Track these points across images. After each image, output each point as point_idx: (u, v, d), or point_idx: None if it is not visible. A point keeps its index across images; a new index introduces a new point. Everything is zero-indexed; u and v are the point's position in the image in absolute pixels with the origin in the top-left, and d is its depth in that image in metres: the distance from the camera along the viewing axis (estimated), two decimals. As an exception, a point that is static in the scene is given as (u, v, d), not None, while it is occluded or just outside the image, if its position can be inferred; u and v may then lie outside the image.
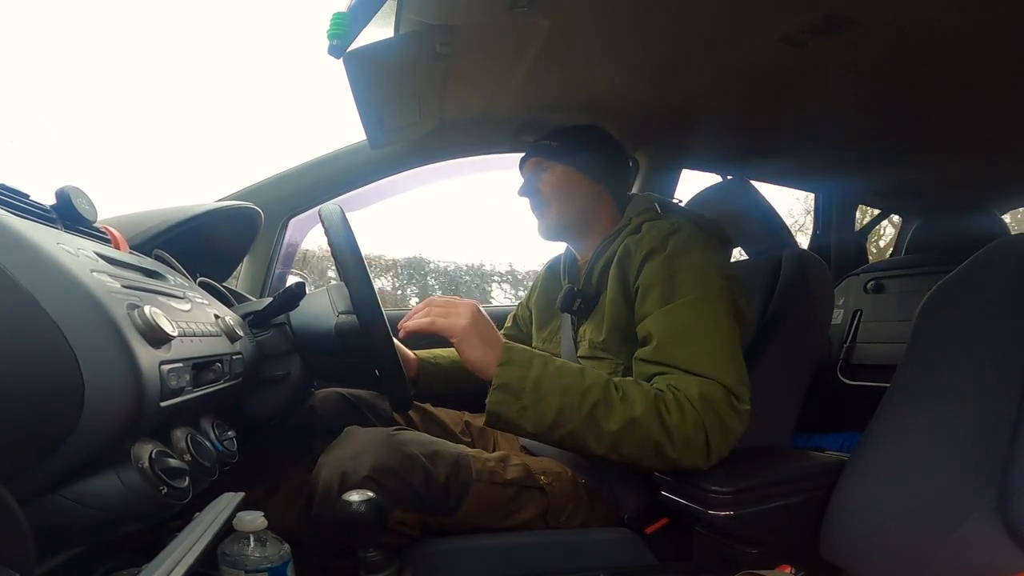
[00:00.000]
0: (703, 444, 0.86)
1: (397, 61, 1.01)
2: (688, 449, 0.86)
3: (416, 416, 1.22)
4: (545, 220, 1.16)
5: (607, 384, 0.88)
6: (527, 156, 1.19)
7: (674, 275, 0.95)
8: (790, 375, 1.15)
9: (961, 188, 2.00)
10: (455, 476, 0.93)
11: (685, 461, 0.87)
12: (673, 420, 0.85)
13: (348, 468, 0.87)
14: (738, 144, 1.61)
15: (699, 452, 0.87)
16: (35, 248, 0.51)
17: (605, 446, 0.86)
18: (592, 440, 0.86)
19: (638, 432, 0.85)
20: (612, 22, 0.98)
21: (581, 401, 0.85)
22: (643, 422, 0.85)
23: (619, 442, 0.85)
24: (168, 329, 0.57)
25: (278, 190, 1.46)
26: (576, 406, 0.85)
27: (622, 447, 0.86)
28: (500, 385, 0.86)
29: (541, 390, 0.85)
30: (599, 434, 0.85)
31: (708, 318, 0.92)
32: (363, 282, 0.90)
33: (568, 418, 0.85)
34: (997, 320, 0.79)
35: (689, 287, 0.94)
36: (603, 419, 0.85)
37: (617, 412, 0.85)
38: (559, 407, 0.85)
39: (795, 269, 1.18)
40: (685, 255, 0.97)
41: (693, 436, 0.85)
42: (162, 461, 0.59)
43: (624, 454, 0.87)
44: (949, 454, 0.77)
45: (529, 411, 0.86)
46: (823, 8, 0.92)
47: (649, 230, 1.03)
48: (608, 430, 0.85)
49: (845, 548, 0.85)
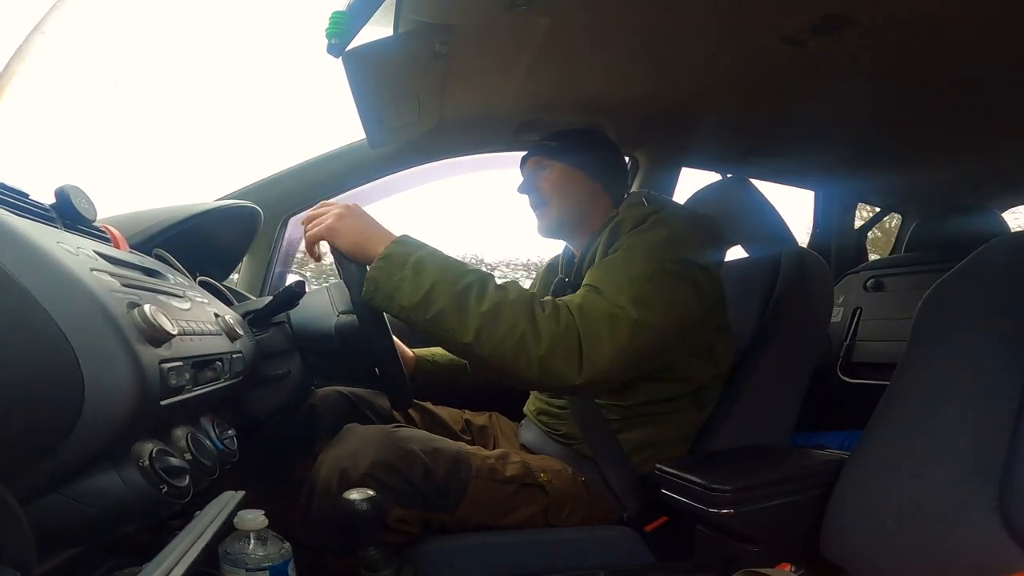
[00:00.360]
0: (575, 347, 0.83)
1: (396, 60, 1.01)
2: (556, 349, 0.82)
3: (416, 414, 1.22)
4: (544, 218, 1.17)
5: (488, 275, 0.87)
6: (528, 155, 1.21)
7: (638, 240, 0.96)
8: (790, 373, 1.15)
9: (960, 186, 2.00)
10: (455, 473, 0.94)
11: (553, 364, 0.82)
12: (544, 314, 0.84)
13: (348, 465, 0.87)
14: (738, 143, 1.61)
15: (569, 356, 0.83)
16: (35, 247, 0.51)
17: (472, 331, 0.82)
18: (460, 321, 0.83)
19: (505, 317, 0.82)
20: (611, 21, 0.98)
21: (457, 280, 0.84)
22: (512, 308, 0.83)
23: (485, 327, 0.82)
24: (168, 328, 0.57)
25: (277, 189, 1.46)
26: (451, 283, 0.84)
27: (488, 334, 0.82)
28: (385, 256, 0.86)
29: (421, 265, 0.85)
30: (468, 315, 0.82)
31: (635, 260, 0.92)
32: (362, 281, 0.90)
33: (440, 294, 0.83)
34: (996, 318, 0.79)
35: (640, 250, 0.94)
36: (474, 300, 0.83)
37: (490, 295, 0.84)
38: (434, 282, 0.83)
39: (795, 267, 1.18)
40: (653, 230, 0.98)
41: (563, 335, 0.83)
42: (163, 460, 0.59)
43: (491, 345, 0.83)
44: (949, 452, 0.77)
45: (406, 283, 0.84)
46: (822, 7, 0.92)
47: (632, 212, 1.06)
48: (477, 311, 0.82)
49: (845, 546, 0.85)
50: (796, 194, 2.12)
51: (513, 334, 0.82)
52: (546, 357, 0.82)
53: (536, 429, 1.18)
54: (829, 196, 2.21)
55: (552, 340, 0.82)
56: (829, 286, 1.23)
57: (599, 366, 0.83)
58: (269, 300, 0.99)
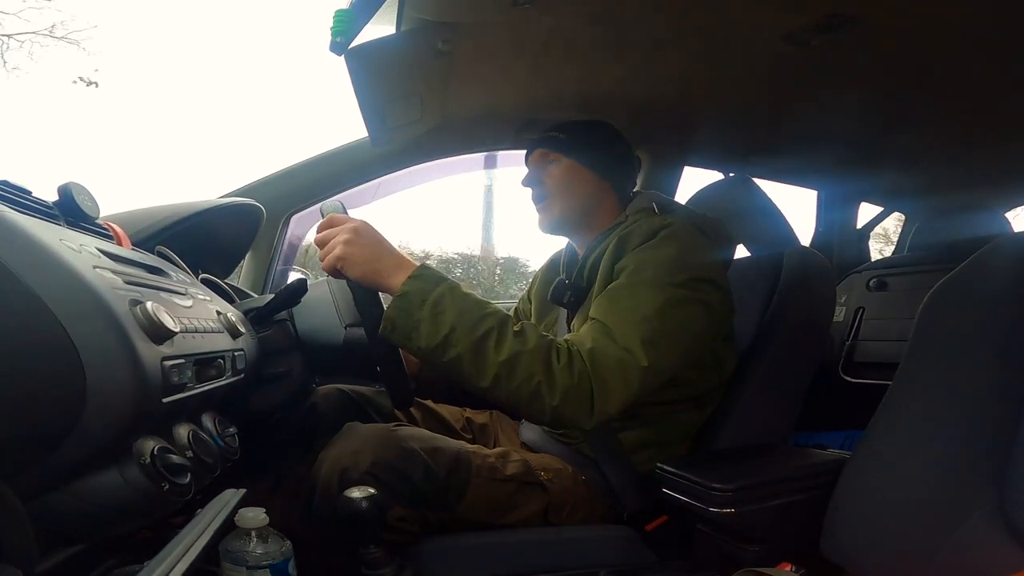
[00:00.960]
0: (587, 397, 0.84)
1: (399, 58, 1.01)
2: (568, 399, 0.83)
3: (417, 413, 1.22)
4: (547, 213, 1.15)
5: (506, 318, 0.87)
6: (533, 146, 1.18)
7: (644, 260, 0.95)
8: (791, 373, 1.15)
9: (964, 186, 2.00)
10: (455, 472, 0.94)
11: (567, 412, 0.84)
12: (560, 364, 0.84)
13: (348, 464, 0.87)
14: (740, 141, 1.61)
15: (581, 405, 0.84)
16: (38, 244, 0.51)
17: (490, 377, 0.83)
18: (478, 368, 0.83)
19: (523, 367, 0.83)
20: (614, 19, 0.98)
21: (476, 325, 0.83)
22: (530, 358, 0.83)
23: (503, 375, 0.83)
24: (170, 325, 0.57)
25: (280, 187, 1.46)
26: (469, 328, 0.83)
27: (506, 381, 0.83)
28: (403, 294, 0.85)
29: (440, 306, 0.84)
30: (486, 362, 0.83)
31: (644, 291, 0.91)
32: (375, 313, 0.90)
33: (459, 339, 0.83)
34: (999, 318, 0.79)
35: (649, 272, 0.94)
36: (493, 347, 0.83)
37: (508, 343, 0.84)
38: (452, 325, 0.83)
39: (797, 267, 1.18)
40: (662, 247, 0.97)
41: (576, 387, 0.83)
42: (164, 457, 0.59)
43: (508, 391, 0.84)
44: (950, 452, 0.77)
45: (424, 324, 0.84)
46: (826, 6, 0.91)
47: (641, 224, 1.03)
48: (495, 359, 0.83)
49: (846, 546, 0.85)
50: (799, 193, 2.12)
51: (529, 384, 0.83)
52: (559, 407, 0.84)
53: (537, 428, 1.18)
54: (832, 195, 2.21)
55: (565, 391, 0.83)
56: (831, 285, 1.23)
57: (609, 411, 0.85)
58: (271, 298, 0.99)
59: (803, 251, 1.21)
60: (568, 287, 1.11)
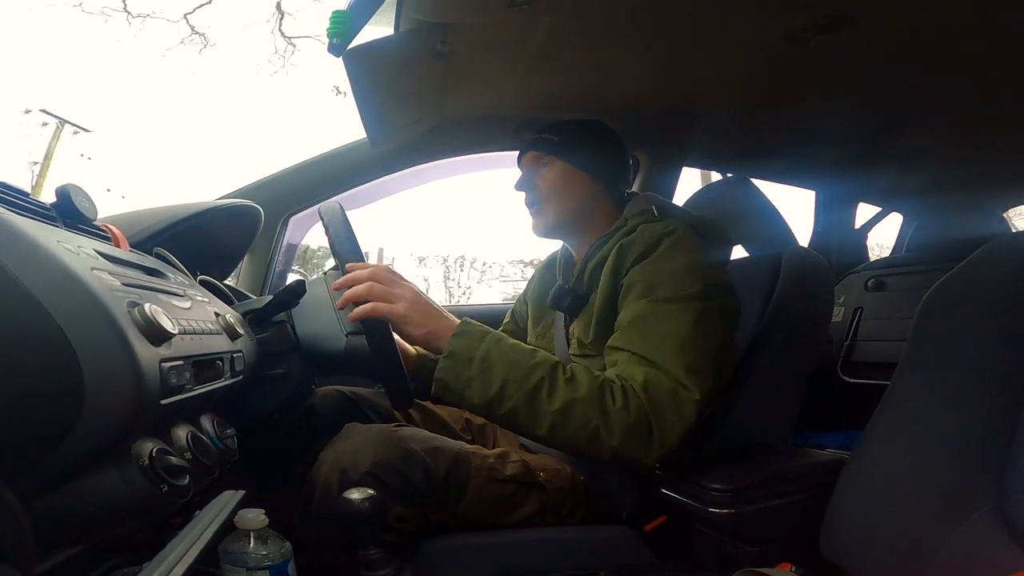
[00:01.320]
0: (646, 434, 0.85)
1: (397, 59, 1.01)
2: (629, 438, 0.84)
3: (416, 414, 1.22)
4: (541, 217, 1.14)
5: (555, 365, 0.88)
6: (526, 149, 1.17)
7: (657, 275, 0.95)
8: (790, 373, 1.15)
9: (962, 186, 2.00)
10: (455, 472, 0.94)
11: (626, 451, 0.85)
12: (616, 406, 0.84)
13: (348, 464, 0.87)
14: (739, 142, 1.61)
15: (641, 442, 0.85)
16: (36, 246, 0.51)
17: (546, 426, 0.85)
18: (533, 418, 0.85)
19: (578, 414, 0.84)
20: (612, 20, 0.98)
21: (526, 377, 0.85)
22: (584, 404, 0.84)
23: (559, 423, 0.84)
24: (168, 327, 0.57)
25: (278, 188, 1.46)
26: (520, 380, 0.85)
27: (562, 429, 0.85)
28: (450, 354, 0.86)
29: (489, 362, 0.85)
30: (540, 412, 0.85)
31: (674, 312, 0.91)
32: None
33: (511, 392, 0.85)
34: (997, 318, 0.79)
35: (668, 287, 0.93)
36: (546, 397, 0.84)
37: (560, 392, 0.85)
38: (504, 380, 0.85)
39: (795, 267, 1.18)
40: (672, 259, 0.96)
41: (635, 424, 0.84)
42: (163, 459, 0.59)
43: (565, 436, 0.85)
44: (949, 452, 0.77)
45: (475, 382, 0.85)
46: (824, 6, 0.92)
47: (643, 232, 1.02)
48: (549, 409, 0.84)
49: (845, 546, 0.85)
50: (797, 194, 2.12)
51: (587, 428, 0.84)
52: (620, 447, 0.84)
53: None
54: (830, 196, 2.21)
55: (624, 431, 0.84)
56: (830, 286, 1.23)
57: (668, 444, 0.86)
58: (270, 299, 0.99)
59: (801, 251, 1.21)
60: (568, 292, 1.10)
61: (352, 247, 0.93)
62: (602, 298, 1.02)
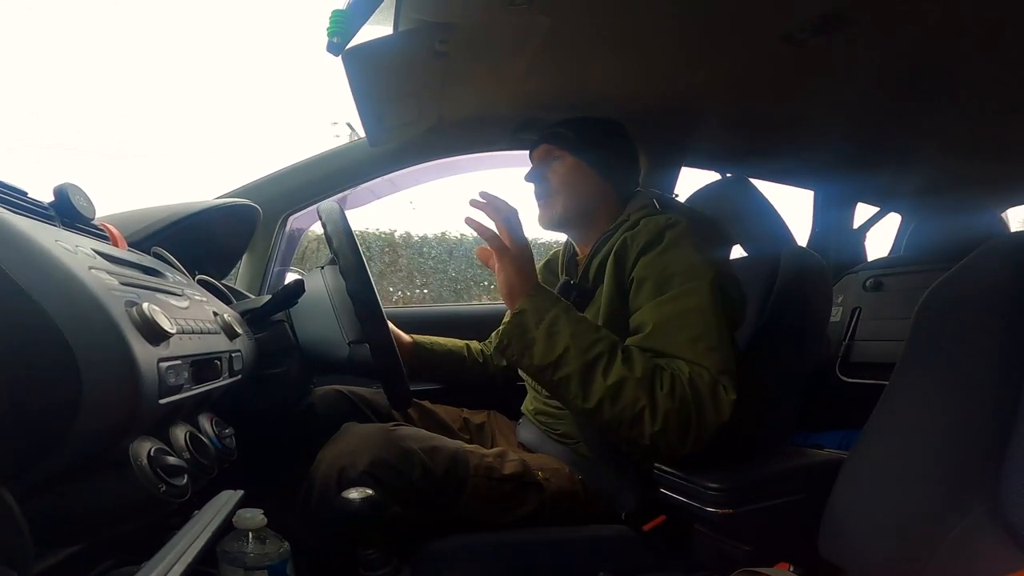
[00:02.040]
0: (685, 425, 0.86)
1: (396, 59, 1.01)
2: (669, 425, 0.86)
3: (414, 413, 1.22)
4: (548, 210, 1.15)
5: (615, 343, 0.90)
6: (539, 141, 1.18)
7: (667, 267, 0.96)
8: (788, 373, 1.15)
9: (960, 186, 2.00)
10: (453, 471, 0.94)
11: (664, 438, 0.86)
12: (663, 392, 0.86)
13: (346, 463, 0.87)
14: (737, 142, 1.61)
15: (680, 432, 0.86)
16: (33, 245, 0.51)
17: (595, 400, 0.86)
18: (585, 389, 0.87)
19: (628, 393, 0.85)
20: (611, 19, 0.98)
21: (588, 348, 0.87)
22: (636, 384, 0.85)
23: (608, 399, 0.86)
24: (166, 326, 0.57)
25: (277, 187, 1.46)
26: (582, 351, 0.87)
27: (610, 405, 0.86)
28: (520, 311, 0.90)
29: (556, 327, 0.88)
30: (594, 385, 0.86)
31: (696, 309, 0.92)
32: (363, 281, 0.90)
33: (570, 360, 0.87)
34: (995, 318, 0.79)
35: (680, 279, 0.94)
36: (602, 371, 0.86)
37: (616, 368, 0.86)
38: (566, 346, 0.87)
39: (794, 267, 1.18)
40: (678, 248, 0.97)
41: (678, 412, 0.86)
42: (161, 459, 0.59)
43: (611, 414, 0.87)
44: (948, 452, 0.77)
45: (539, 343, 0.88)
46: (822, 6, 0.92)
47: (646, 224, 1.03)
48: (604, 383, 0.86)
49: (843, 546, 0.85)
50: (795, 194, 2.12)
51: (633, 409, 0.86)
52: (659, 433, 0.86)
53: (534, 428, 1.18)
54: (828, 196, 2.21)
55: (667, 417, 0.86)
56: (828, 286, 1.23)
57: (704, 438, 0.88)
58: (268, 299, 0.99)
59: (800, 251, 1.21)
60: (573, 288, 1.11)
61: (351, 247, 0.93)
62: (608, 292, 1.03)
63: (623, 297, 1.02)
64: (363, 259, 0.95)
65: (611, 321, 1.02)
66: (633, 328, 0.97)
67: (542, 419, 1.16)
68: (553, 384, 0.89)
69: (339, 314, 1.00)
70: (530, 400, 1.24)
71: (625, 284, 1.01)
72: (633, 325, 0.97)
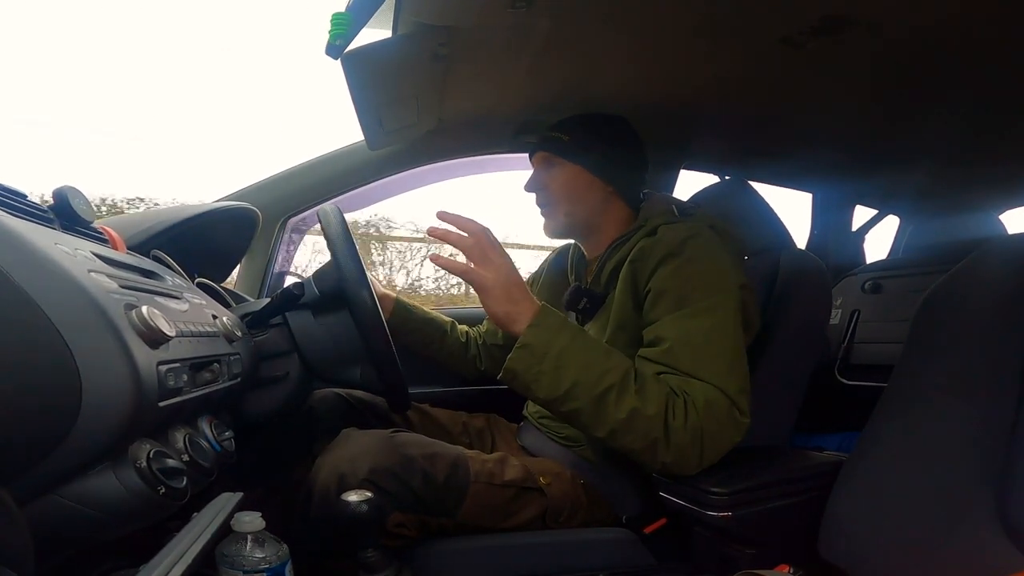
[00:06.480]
0: (698, 452, 0.85)
1: (395, 62, 1.01)
2: (681, 455, 0.85)
3: (415, 417, 1.22)
4: (552, 219, 1.12)
5: (627, 371, 0.86)
6: (535, 149, 1.14)
7: (688, 281, 0.93)
8: (788, 375, 1.15)
9: (959, 189, 2.00)
10: (454, 478, 0.93)
11: (675, 466, 0.86)
12: (676, 424, 0.84)
13: (346, 471, 0.87)
14: (736, 144, 1.61)
15: (691, 458, 0.86)
16: (33, 248, 0.51)
17: (606, 431, 0.85)
18: (596, 421, 0.85)
19: (640, 426, 0.83)
20: (611, 22, 0.98)
21: (598, 381, 0.83)
22: (650, 419, 0.83)
23: (620, 431, 0.84)
24: (166, 329, 0.57)
25: (276, 191, 1.46)
26: (591, 384, 0.83)
27: (621, 436, 0.85)
28: (524, 344, 0.85)
29: (562, 359, 0.84)
30: (604, 417, 0.84)
31: (718, 327, 0.90)
32: (362, 284, 0.90)
33: (580, 394, 0.84)
34: (993, 320, 0.79)
35: (702, 294, 0.91)
36: (613, 404, 0.83)
37: (628, 401, 0.83)
38: (574, 380, 0.83)
39: (793, 269, 1.18)
40: (700, 262, 0.94)
41: (690, 443, 0.84)
42: (160, 461, 0.58)
43: (621, 444, 0.86)
44: (947, 454, 0.77)
45: (545, 377, 0.84)
46: (821, 9, 0.92)
47: (665, 233, 0.99)
48: (615, 416, 0.83)
49: (843, 548, 0.85)
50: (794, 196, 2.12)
51: (646, 440, 0.84)
52: (671, 463, 0.86)
53: (537, 432, 1.17)
54: (827, 198, 2.21)
55: (679, 450, 0.85)
56: (827, 288, 1.23)
57: (713, 461, 0.88)
58: (267, 302, 0.99)
59: (799, 253, 1.21)
60: (584, 293, 1.08)
61: (350, 251, 0.93)
62: (621, 300, 1.00)
63: (637, 307, 0.99)
64: (362, 261, 0.95)
65: (621, 330, 1.01)
66: (648, 341, 0.94)
67: (545, 423, 1.15)
68: (562, 414, 0.88)
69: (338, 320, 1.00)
70: (532, 404, 1.23)
71: (640, 294, 0.98)
72: (648, 338, 0.94)
